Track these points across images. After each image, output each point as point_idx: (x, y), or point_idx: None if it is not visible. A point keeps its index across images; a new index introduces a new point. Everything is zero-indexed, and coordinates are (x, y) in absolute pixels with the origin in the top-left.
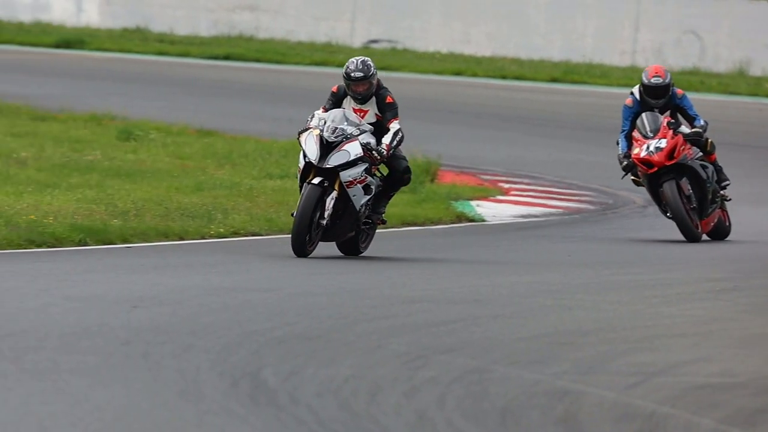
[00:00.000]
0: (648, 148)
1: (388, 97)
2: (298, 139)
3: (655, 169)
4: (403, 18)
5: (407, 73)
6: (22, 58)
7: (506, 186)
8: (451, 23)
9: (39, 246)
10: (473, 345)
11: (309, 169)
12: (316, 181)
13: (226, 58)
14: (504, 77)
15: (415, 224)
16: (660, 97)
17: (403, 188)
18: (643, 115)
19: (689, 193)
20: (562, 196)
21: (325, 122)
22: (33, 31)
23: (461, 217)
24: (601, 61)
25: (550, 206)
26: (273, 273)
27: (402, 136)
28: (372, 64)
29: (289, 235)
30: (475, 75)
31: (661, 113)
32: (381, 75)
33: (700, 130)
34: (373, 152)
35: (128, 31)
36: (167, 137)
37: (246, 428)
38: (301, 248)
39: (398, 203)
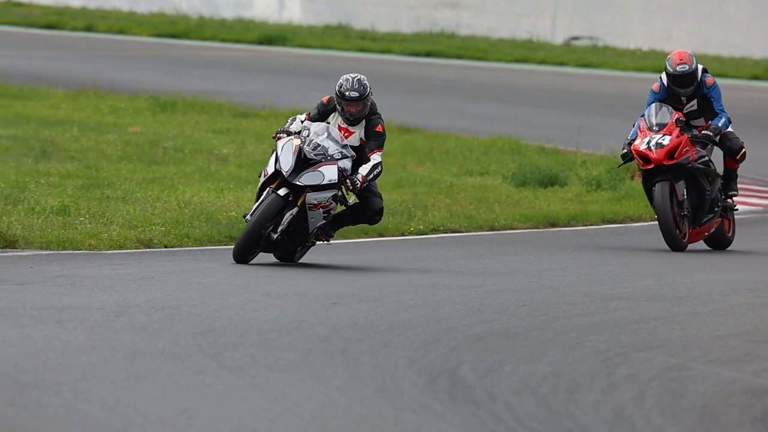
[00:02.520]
0: (649, 142)
1: (379, 126)
2: (274, 138)
3: (652, 165)
4: (604, 15)
5: (608, 70)
6: (225, 54)
7: None
8: (651, 20)
9: None
10: (672, 342)
11: (276, 176)
12: (281, 192)
13: (428, 54)
14: None
15: (614, 222)
16: (687, 86)
17: (604, 185)
18: (653, 105)
19: (682, 199)
20: (764, 194)
21: (308, 133)
22: (235, 28)
23: None
24: None
25: (750, 204)
26: (472, 270)
27: (380, 171)
28: (368, 84)
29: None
30: None
31: (688, 102)
32: (582, 72)
33: (711, 134)
34: (347, 180)
35: (330, 28)
36: None
37: (444, 425)
38: (244, 256)
39: (598, 200)
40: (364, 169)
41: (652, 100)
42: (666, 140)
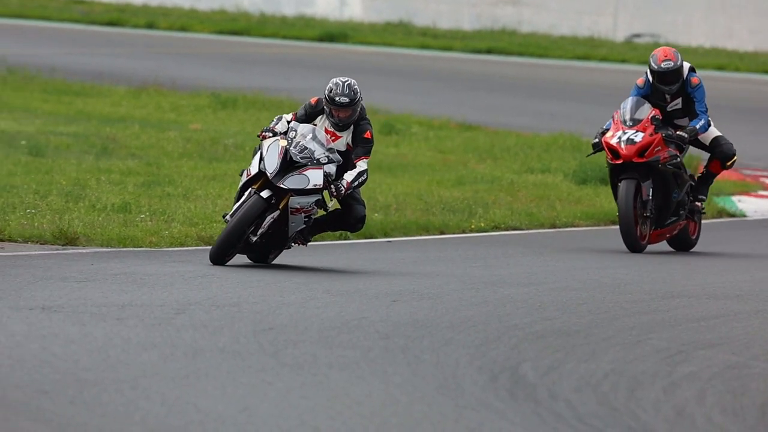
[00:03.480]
0: (620, 136)
1: (367, 132)
2: (259, 136)
3: (621, 161)
4: (665, 12)
5: None
6: (286, 52)
7: None
8: (713, 17)
9: None
10: (733, 340)
11: (259, 176)
12: (264, 194)
13: (489, 51)
14: (767, 72)
15: None
16: (671, 83)
17: None
18: (631, 99)
19: (647, 199)
20: None
21: (295, 134)
22: (297, 25)
23: (722, 213)
24: None
25: None
26: (533, 268)
27: (366, 178)
28: (358, 89)
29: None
30: (737, 70)
31: (672, 100)
32: (644, 69)
33: (686, 135)
34: (331, 186)
35: (391, 25)
36: (429, 131)
37: (504, 423)
38: (222, 257)
39: None
40: (349, 176)
41: (634, 95)
42: (638, 137)
